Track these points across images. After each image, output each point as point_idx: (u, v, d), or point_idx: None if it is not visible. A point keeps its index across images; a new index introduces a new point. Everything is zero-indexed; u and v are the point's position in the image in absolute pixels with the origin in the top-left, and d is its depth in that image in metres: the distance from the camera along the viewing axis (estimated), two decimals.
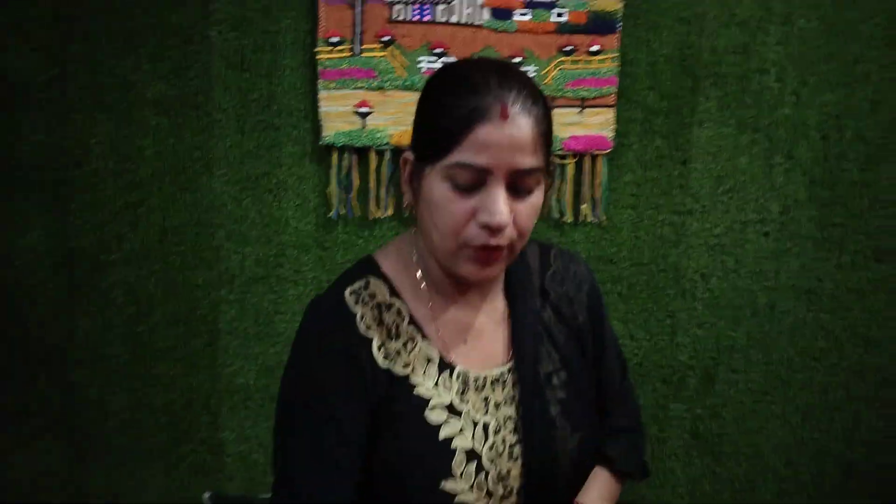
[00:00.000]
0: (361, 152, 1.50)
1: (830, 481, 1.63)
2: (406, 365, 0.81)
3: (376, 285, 0.84)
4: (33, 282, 1.51)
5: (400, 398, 0.80)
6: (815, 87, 1.51)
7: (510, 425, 0.83)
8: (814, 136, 1.53)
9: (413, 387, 0.81)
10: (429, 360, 0.82)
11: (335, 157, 1.49)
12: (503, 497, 0.82)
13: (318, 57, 1.45)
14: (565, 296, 0.91)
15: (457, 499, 0.79)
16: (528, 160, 0.75)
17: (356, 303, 0.82)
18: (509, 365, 0.86)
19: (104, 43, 1.45)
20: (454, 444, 0.80)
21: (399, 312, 0.83)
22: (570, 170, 1.52)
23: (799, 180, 1.54)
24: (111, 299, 1.52)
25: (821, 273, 1.57)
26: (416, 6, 1.45)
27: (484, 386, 0.84)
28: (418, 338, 0.83)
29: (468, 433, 0.81)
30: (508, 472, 0.82)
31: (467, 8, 1.45)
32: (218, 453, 1.58)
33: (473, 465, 0.80)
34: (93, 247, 1.51)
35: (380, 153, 1.50)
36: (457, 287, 0.85)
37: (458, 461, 0.80)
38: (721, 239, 1.56)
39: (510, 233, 0.76)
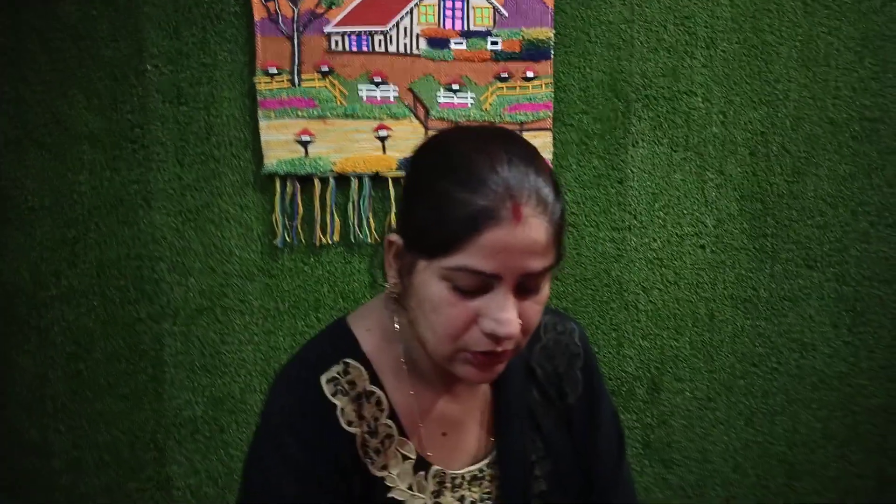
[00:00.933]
0: (304, 180, 1.50)
1: (775, 482, 1.68)
2: (383, 466, 0.75)
3: (356, 370, 0.75)
4: None
5: (374, 499, 0.75)
6: (740, 106, 1.59)
7: None
8: (742, 153, 1.60)
9: (388, 488, 0.75)
10: (405, 459, 0.76)
11: (278, 185, 1.50)
12: None
13: (257, 87, 1.46)
14: (554, 373, 0.82)
15: None
16: (540, 263, 0.66)
17: (334, 394, 0.74)
18: (489, 459, 0.79)
19: (35, 80, 1.43)
20: None
21: (378, 403, 0.75)
22: None
23: (730, 195, 1.61)
24: (50, 337, 1.49)
25: (755, 282, 1.64)
26: (354, 37, 1.47)
27: (461, 484, 0.78)
28: (395, 434, 0.76)
29: None
30: None
31: (404, 38, 1.48)
32: (167, 489, 1.54)
33: None
34: (29, 285, 1.47)
35: (323, 180, 1.51)
36: (443, 376, 0.77)
37: None
38: (660, 253, 1.61)
39: (517, 334, 0.67)
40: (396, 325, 0.76)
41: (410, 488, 0.76)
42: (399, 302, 0.73)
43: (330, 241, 1.52)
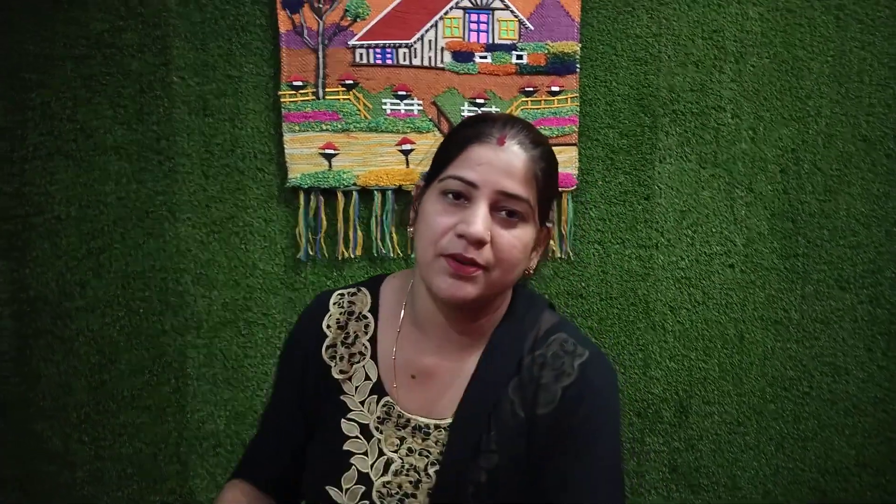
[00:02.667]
0: (328, 194, 1.50)
1: None
2: (343, 372, 0.88)
3: (362, 297, 0.92)
4: None
5: (328, 397, 0.87)
6: (770, 122, 1.55)
7: (413, 476, 0.82)
8: (772, 170, 1.57)
9: (342, 392, 0.87)
10: (366, 378, 0.87)
11: (302, 198, 1.49)
12: None
13: (281, 100, 1.46)
14: (535, 381, 0.82)
15: None
16: (516, 187, 0.78)
17: (335, 303, 0.91)
18: (445, 422, 0.83)
19: (62, 90, 1.45)
20: (353, 459, 0.84)
21: (366, 326, 0.89)
22: None
23: (760, 213, 1.57)
24: (74, 348, 1.49)
25: (786, 303, 1.59)
26: (378, 50, 1.47)
27: (405, 426, 0.84)
28: (368, 354, 0.88)
29: (370, 459, 0.84)
30: None
31: (429, 51, 1.47)
32: (188, 502, 1.54)
33: (361, 490, 0.82)
34: (54, 295, 1.48)
35: (347, 194, 1.50)
36: (431, 324, 0.86)
37: (349, 476, 0.83)
38: (687, 272, 1.57)
39: (487, 254, 0.78)
40: (410, 285, 0.89)
41: (362, 403, 0.86)
42: (413, 241, 0.86)
43: (352, 255, 1.51)
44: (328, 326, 0.90)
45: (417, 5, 1.45)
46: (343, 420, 0.85)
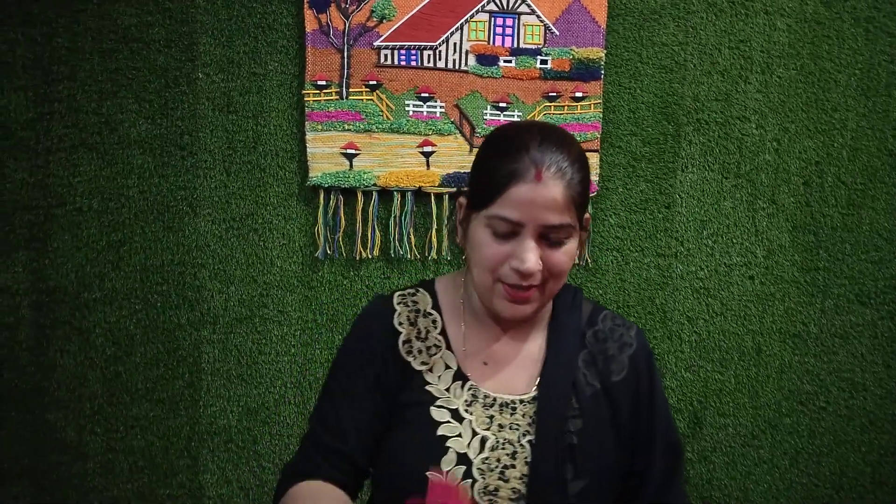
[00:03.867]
0: (348, 193, 1.50)
1: None
2: (424, 364, 0.92)
3: (423, 295, 0.97)
4: (11, 320, 1.49)
5: (411, 390, 0.91)
6: (794, 133, 1.54)
7: (509, 448, 0.88)
8: (795, 182, 1.55)
9: (426, 383, 0.91)
10: (447, 367, 0.92)
11: (322, 197, 1.50)
12: None
13: (305, 99, 1.47)
14: (603, 353, 0.94)
15: None
16: (557, 218, 0.84)
17: (399, 303, 0.96)
18: (528, 396, 0.91)
19: (89, 83, 1.46)
20: (448, 442, 0.88)
21: (434, 322, 0.95)
22: None
23: (782, 225, 1.56)
24: (91, 339, 1.50)
25: (805, 317, 1.58)
26: (403, 51, 1.47)
27: (492, 405, 0.91)
28: (443, 346, 0.93)
29: (465, 439, 0.88)
30: (497, 490, 0.86)
31: (453, 54, 1.47)
32: (198, 497, 1.54)
33: (462, 470, 0.86)
34: (73, 286, 1.49)
35: (366, 194, 1.50)
36: (491, 317, 0.94)
37: (448, 459, 0.87)
38: (706, 282, 1.56)
39: (541, 276, 0.86)
40: (463, 283, 0.96)
41: (448, 390, 0.91)
42: (466, 258, 0.93)
43: (370, 256, 1.51)
44: (400, 324, 0.94)
45: (444, 8, 1.45)
46: (432, 408, 0.90)
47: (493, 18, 1.47)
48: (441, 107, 1.48)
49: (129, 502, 1.53)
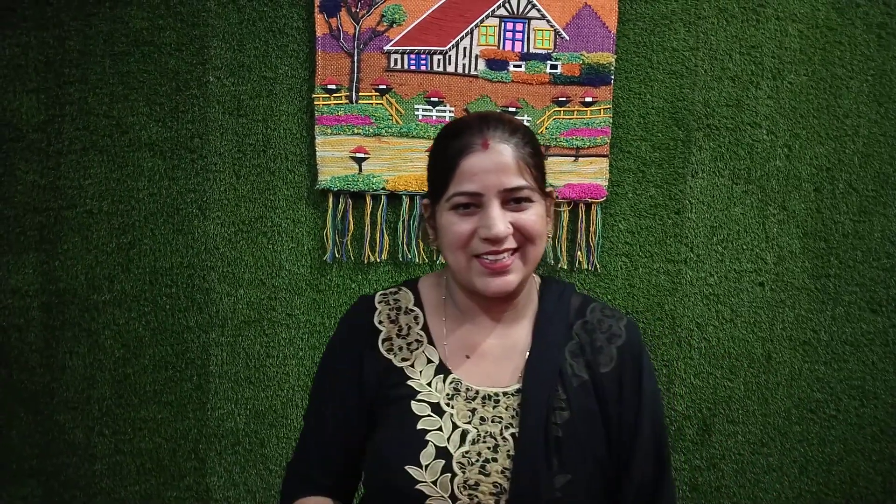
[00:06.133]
0: (357, 197, 1.50)
1: None
2: (405, 359, 0.92)
3: (405, 294, 0.98)
4: (21, 321, 1.49)
5: (393, 385, 0.91)
6: (805, 140, 1.53)
7: (490, 441, 0.87)
8: (806, 188, 1.54)
9: (407, 378, 0.91)
10: (428, 361, 0.92)
11: (331, 201, 1.50)
12: None
13: (315, 103, 1.47)
14: (591, 344, 0.93)
15: (418, 487, 0.85)
16: (513, 180, 0.86)
17: (380, 301, 0.97)
18: (512, 388, 0.90)
19: (100, 86, 1.47)
20: (428, 436, 0.87)
21: (415, 318, 0.95)
22: (564, 217, 1.52)
23: (793, 231, 1.55)
24: (100, 341, 1.51)
25: (816, 324, 1.57)
26: (413, 56, 1.47)
27: (475, 398, 0.90)
28: (424, 341, 0.93)
29: (445, 433, 0.88)
30: (477, 484, 0.86)
31: (463, 58, 1.47)
32: (205, 499, 1.54)
33: (441, 464, 0.86)
34: (83, 287, 1.50)
35: (375, 198, 1.50)
36: (473, 311, 0.94)
37: (428, 453, 0.86)
38: (716, 288, 1.55)
39: (516, 238, 0.87)
40: (445, 277, 0.97)
41: (429, 385, 0.90)
42: (441, 253, 0.94)
43: (378, 259, 1.51)
44: (380, 322, 0.94)
45: (454, 13, 1.46)
46: (413, 402, 0.89)
47: (503, 23, 1.47)
48: (450, 111, 1.48)
49: None
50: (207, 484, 1.54)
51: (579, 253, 1.52)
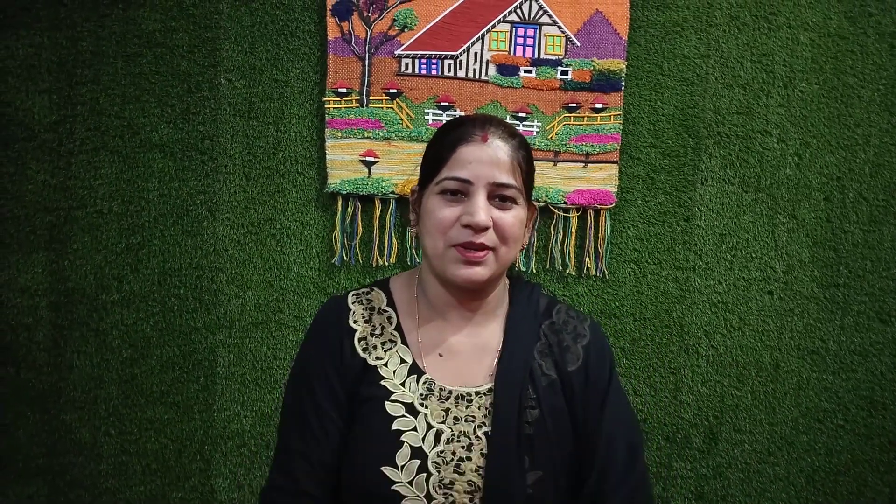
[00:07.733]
0: (366, 200, 1.50)
1: None
2: (379, 359, 0.94)
3: (377, 294, 0.99)
4: (30, 320, 1.50)
5: (368, 384, 0.92)
6: (816, 148, 1.53)
7: (464, 440, 0.89)
8: (816, 197, 1.54)
9: (381, 377, 0.92)
10: (402, 361, 0.93)
11: (340, 204, 1.50)
12: None
13: (326, 106, 1.47)
14: (559, 344, 0.96)
15: (394, 488, 0.87)
16: (506, 177, 0.90)
17: (354, 302, 0.97)
18: (484, 388, 0.93)
19: (112, 87, 1.48)
20: (403, 437, 0.89)
21: (389, 318, 0.96)
22: (573, 223, 1.52)
23: (802, 240, 1.55)
24: (108, 341, 1.51)
25: (824, 333, 1.56)
26: (424, 60, 1.47)
27: (448, 398, 0.92)
28: (398, 340, 0.95)
29: (420, 433, 0.89)
30: (452, 483, 0.87)
31: (474, 63, 1.48)
32: (210, 500, 1.54)
33: (417, 464, 0.88)
34: (92, 287, 1.50)
35: (384, 202, 1.50)
36: (446, 306, 0.96)
37: (403, 453, 0.88)
38: (724, 296, 1.55)
39: (492, 237, 0.90)
40: (418, 277, 0.99)
41: (403, 385, 0.92)
42: (419, 240, 0.97)
43: (386, 263, 1.51)
44: (355, 322, 0.95)
45: (465, 18, 1.46)
46: (387, 402, 0.91)
47: (514, 29, 1.47)
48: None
49: None
50: (213, 485, 1.53)
51: (588, 259, 1.52)
